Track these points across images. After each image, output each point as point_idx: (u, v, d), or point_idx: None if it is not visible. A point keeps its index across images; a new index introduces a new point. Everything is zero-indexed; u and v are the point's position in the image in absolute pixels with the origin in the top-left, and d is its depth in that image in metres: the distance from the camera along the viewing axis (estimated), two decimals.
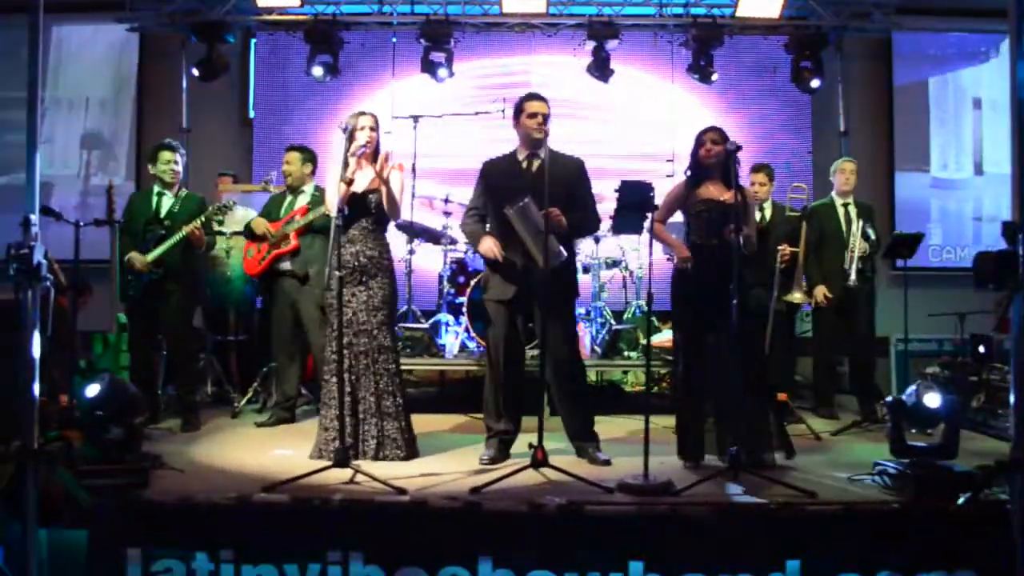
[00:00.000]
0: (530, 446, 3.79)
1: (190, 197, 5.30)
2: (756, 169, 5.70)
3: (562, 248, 4.06)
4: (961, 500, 3.31)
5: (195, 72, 7.25)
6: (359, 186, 4.19)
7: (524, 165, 4.31)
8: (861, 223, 5.65)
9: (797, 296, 5.49)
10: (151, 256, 5.01)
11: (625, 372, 6.99)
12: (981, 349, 6.29)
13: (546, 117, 4.24)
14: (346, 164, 4.05)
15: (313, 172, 5.48)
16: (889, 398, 3.90)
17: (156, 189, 5.22)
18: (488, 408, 4.38)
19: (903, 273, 5.57)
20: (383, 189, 4.15)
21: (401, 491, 3.51)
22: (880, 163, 7.89)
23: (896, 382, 7.26)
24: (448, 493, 3.56)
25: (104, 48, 7.69)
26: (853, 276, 5.52)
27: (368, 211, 4.27)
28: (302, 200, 5.35)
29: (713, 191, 4.21)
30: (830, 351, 5.96)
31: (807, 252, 5.51)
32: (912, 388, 3.84)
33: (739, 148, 3.87)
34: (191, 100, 7.56)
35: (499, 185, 4.29)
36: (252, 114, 7.80)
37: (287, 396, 5.31)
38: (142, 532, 3.19)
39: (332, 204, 4.14)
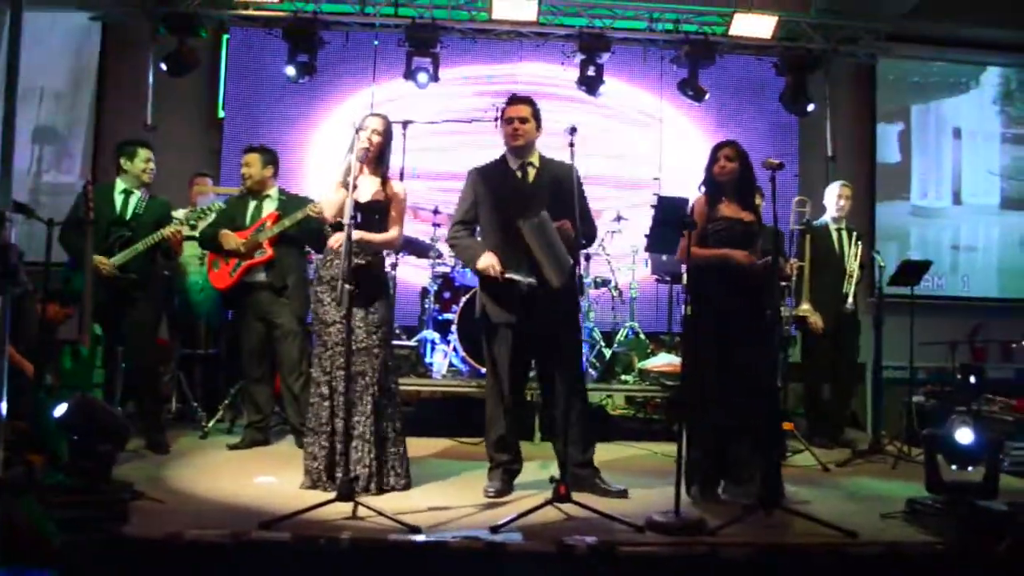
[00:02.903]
0: (551, 480, 3.47)
1: (156, 200, 4.87)
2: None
3: (572, 260, 3.76)
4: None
5: (163, 67, 6.83)
6: (363, 195, 3.82)
7: (519, 174, 3.96)
8: (860, 247, 5.53)
9: (805, 307, 5.31)
10: (117, 260, 4.57)
11: (609, 396, 6.75)
12: (972, 379, 6.21)
13: (525, 120, 3.90)
14: (348, 168, 3.71)
15: (275, 175, 5.03)
16: (925, 431, 3.72)
17: (122, 187, 4.78)
18: (492, 438, 4.01)
19: (901, 301, 5.43)
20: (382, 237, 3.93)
21: (414, 529, 3.17)
22: (862, 189, 7.82)
23: (872, 410, 7.17)
24: (465, 531, 3.24)
25: (63, 37, 7.17)
26: (850, 300, 5.39)
27: (371, 223, 3.87)
28: (269, 205, 4.93)
29: (728, 211, 4.00)
30: (820, 378, 5.74)
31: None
32: (947, 423, 3.68)
33: (781, 166, 3.59)
34: (157, 96, 7.08)
35: (492, 194, 3.94)
36: (222, 113, 7.36)
37: (261, 416, 4.91)
38: (123, 573, 2.84)
39: (328, 210, 3.85)
